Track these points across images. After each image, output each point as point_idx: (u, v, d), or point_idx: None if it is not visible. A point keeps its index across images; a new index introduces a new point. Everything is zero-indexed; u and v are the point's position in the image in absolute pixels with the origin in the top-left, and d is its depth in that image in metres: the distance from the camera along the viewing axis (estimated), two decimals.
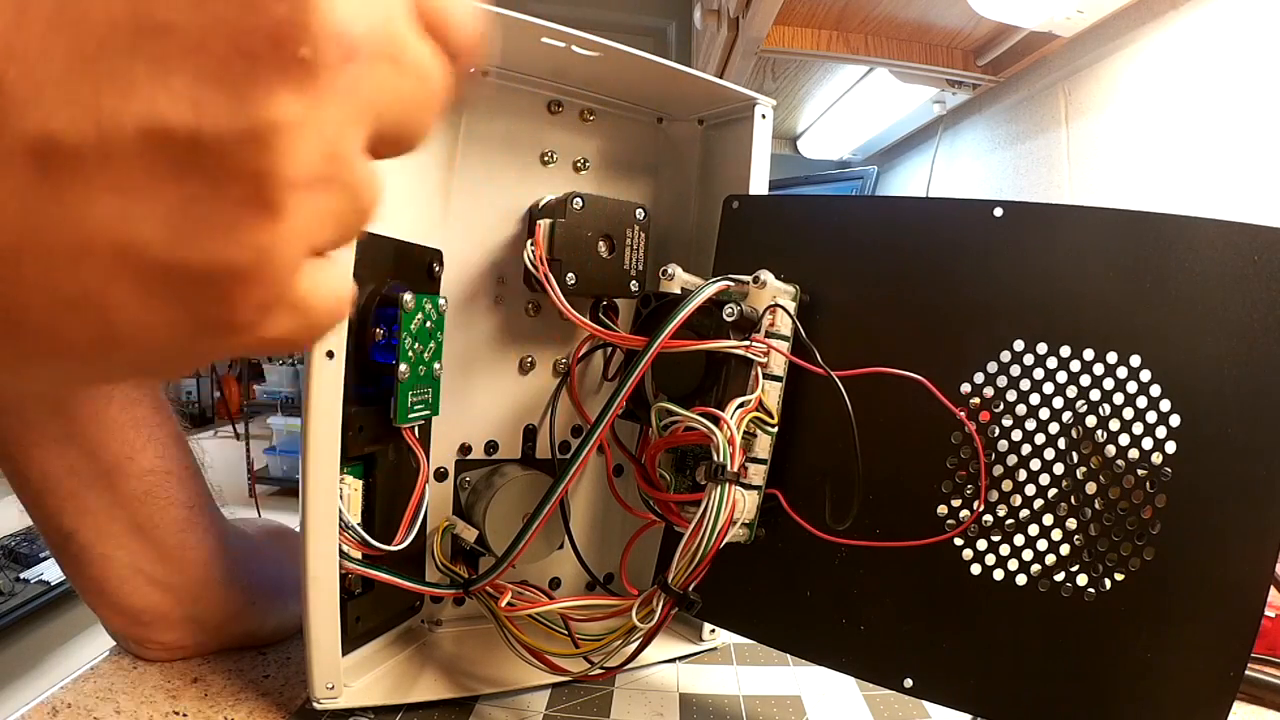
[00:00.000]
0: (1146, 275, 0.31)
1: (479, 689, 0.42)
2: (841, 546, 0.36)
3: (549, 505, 0.37)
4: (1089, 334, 0.32)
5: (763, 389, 0.36)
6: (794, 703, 0.42)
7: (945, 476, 0.34)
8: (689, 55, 1.82)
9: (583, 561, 0.47)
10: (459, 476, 0.46)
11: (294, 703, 0.41)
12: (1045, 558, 0.33)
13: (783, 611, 0.39)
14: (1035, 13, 0.88)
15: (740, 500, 0.34)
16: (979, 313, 0.35)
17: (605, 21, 1.90)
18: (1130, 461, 0.31)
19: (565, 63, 0.42)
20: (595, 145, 0.48)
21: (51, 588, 1.32)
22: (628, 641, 0.36)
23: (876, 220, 0.38)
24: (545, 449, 0.48)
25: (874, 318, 0.37)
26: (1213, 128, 0.76)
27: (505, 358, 0.47)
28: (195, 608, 0.43)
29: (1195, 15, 0.79)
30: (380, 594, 0.41)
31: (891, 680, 0.35)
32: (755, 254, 0.41)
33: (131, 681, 0.42)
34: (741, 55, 1.16)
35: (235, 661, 0.45)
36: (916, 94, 1.30)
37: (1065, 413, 0.33)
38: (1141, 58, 0.87)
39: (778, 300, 0.36)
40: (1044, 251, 0.34)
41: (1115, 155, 0.91)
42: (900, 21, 1.11)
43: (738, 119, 0.47)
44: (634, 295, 0.45)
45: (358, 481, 0.39)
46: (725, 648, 0.49)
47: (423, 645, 0.45)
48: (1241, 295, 0.30)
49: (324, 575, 0.36)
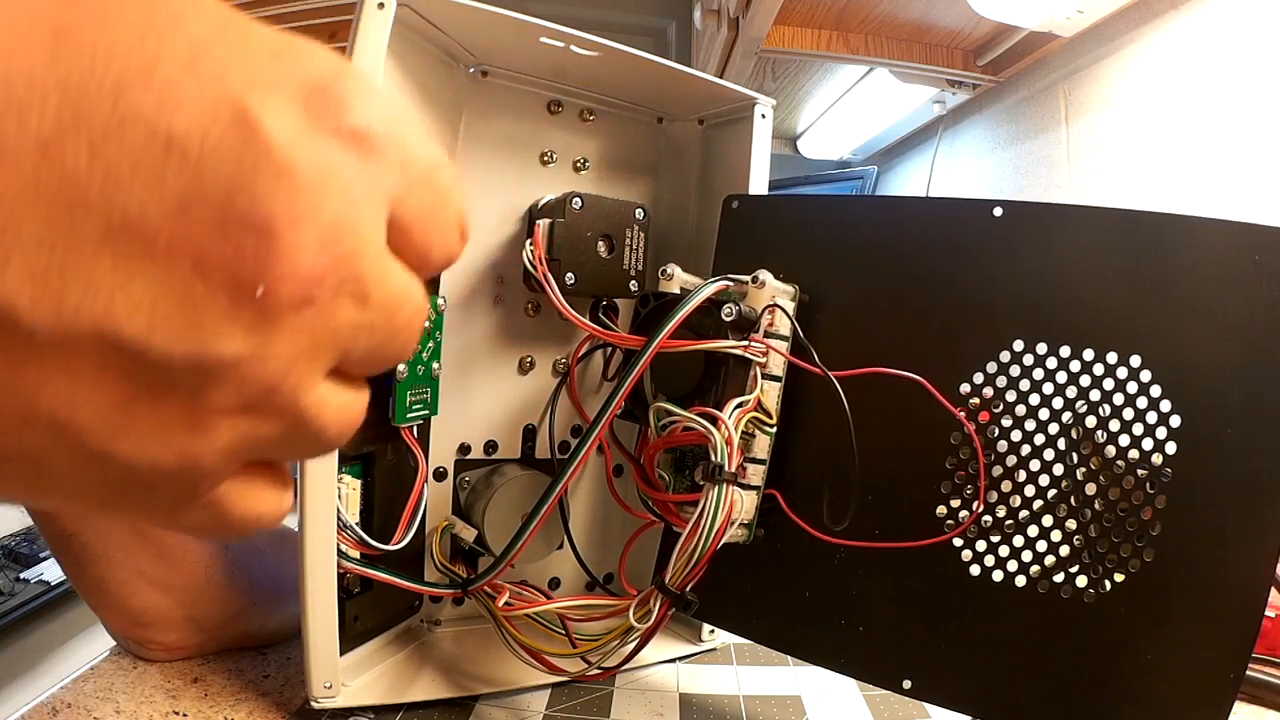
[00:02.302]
0: (1146, 275, 0.31)
1: (478, 689, 0.42)
2: (840, 547, 0.36)
3: (547, 505, 0.37)
4: (1089, 334, 0.32)
5: (761, 389, 0.36)
6: (794, 703, 0.42)
7: (944, 477, 0.34)
8: (689, 55, 1.82)
9: (582, 562, 0.47)
10: (458, 476, 0.46)
11: (294, 703, 0.41)
12: (1045, 559, 0.33)
13: (781, 612, 0.39)
14: (1035, 13, 0.88)
15: (738, 500, 0.34)
16: (978, 313, 0.34)
17: (605, 21, 1.89)
18: (1130, 462, 0.31)
19: (565, 63, 0.42)
20: (595, 145, 0.48)
21: (51, 588, 1.32)
22: (625, 642, 0.36)
23: (876, 220, 0.38)
24: (545, 449, 0.48)
25: (873, 318, 0.37)
26: (1213, 128, 0.76)
27: (505, 358, 0.47)
28: (195, 608, 0.43)
29: (1195, 15, 0.79)
30: (379, 593, 0.41)
31: (890, 681, 0.35)
32: (754, 254, 0.41)
33: (131, 681, 0.42)
34: (741, 55, 1.16)
35: (235, 661, 0.45)
36: (916, 94, 1.30)
37: (1065, 413, 0.33)
38: (1141, 58, 0.87)
39: (776, 300, 0.36)
40: (1044, 251, 0.34)
41: (1115, 155, 0.91)
42: (900, 21, 1.11)
43: (738, 119, 0.47)
44: (633, 295, 0.45)
45: (356, 481, 0.39)
46: (725, 648, 0.49)
47: (421, 645, 0.45)
48: (1241, 295, 0.30)
49: (322, 574, 0.36)
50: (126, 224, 0.13)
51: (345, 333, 0.16)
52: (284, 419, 0.16)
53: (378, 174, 0.16)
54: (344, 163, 0.15)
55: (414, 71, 0.39)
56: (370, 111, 0.15)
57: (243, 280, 0.14)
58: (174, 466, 0.15)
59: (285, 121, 0.14)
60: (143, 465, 0.15)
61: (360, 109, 0.15)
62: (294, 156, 0.14)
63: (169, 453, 0.15)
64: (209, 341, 0.14)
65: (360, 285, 0.15)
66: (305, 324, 0.15)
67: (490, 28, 0.39)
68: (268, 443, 0.16)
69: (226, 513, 0.17)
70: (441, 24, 0.39)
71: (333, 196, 0.14)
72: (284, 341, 0.15)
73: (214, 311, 0.14)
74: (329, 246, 0.15)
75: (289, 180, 0.14)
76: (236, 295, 0.14)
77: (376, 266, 0.16)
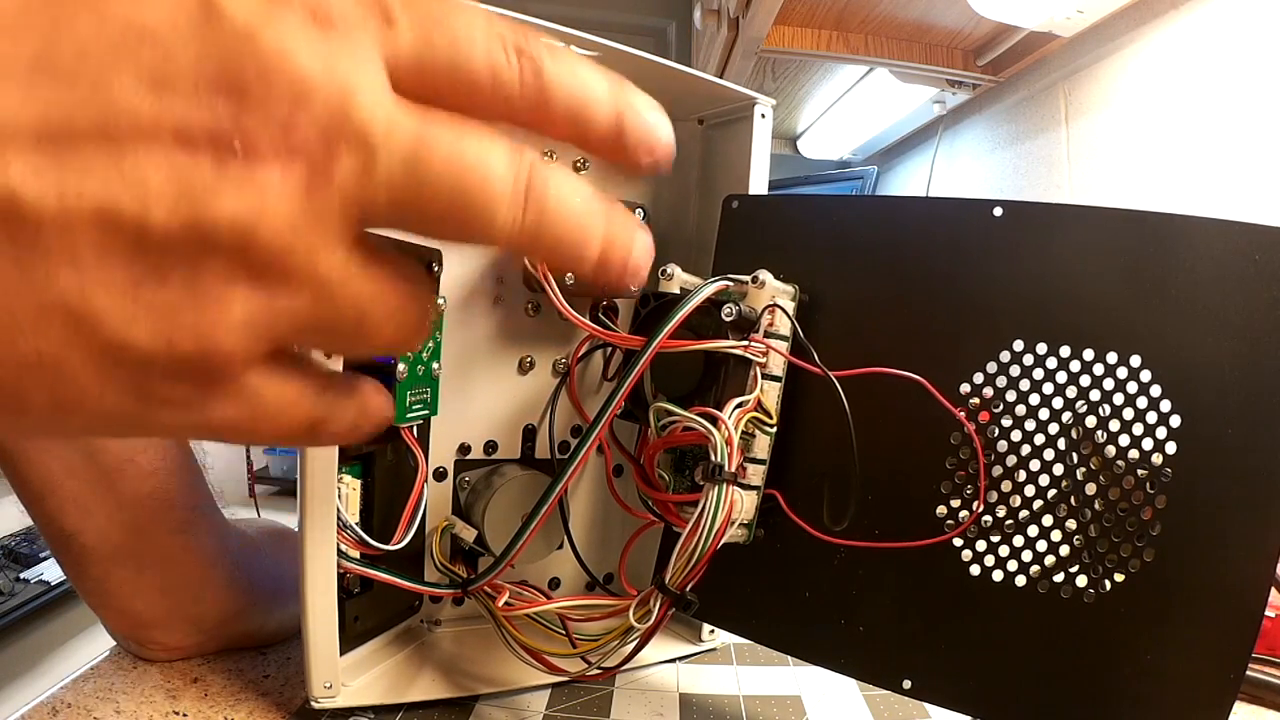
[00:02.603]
0: (1146, 275, 0.31)
1: (478, 689, 0.42)
2: (840, 547, 0.36)
3: (547, 505, 0.37)
4: (1089, 334, 0.32)
5: (761, 389, 0.36)
6: (794, 703, 0.42)
7: (944, 477, 0.34)
8: (689, 55, 1.82)
9: (582, 562, 0.47)
10: (458, 476, 0.46)
11: (294, 703, 0.41)
12: (1045, 558, 0.33)
13: (781, 612, 0.39)
14: (1035, 13, 0.88)
15: (738, 500, 0.34)
16: (978, 313, 0.34)
17: (605, 21, 1.89)
18: (1130, 462, 0.31)
19: None
20: None
21: (51, 588, 1.32)
22: (625, 642, 0.36)
23: (876, 220, 0.38)
24: (545, 449, 0.48)
25: (873, 318, 0.37)
26: (1213, 128, 0.76)
27: (504, 358, 0.47)
28: (195, 609, 0.43)
29: (1195, 15, 0.79)
30: (378, 593, 0.41)
31: (890, 681, 0.35)
32: (754, 254, 0.41)
33: (131, 681, 0.42)
34: (741, 55, 1.16)
35: (235, 661, 0.45)
36: (916, 94, 1.30)
37: (1065, 413, 0.33)
38: (1141, 58, 0.87)
39: (776, 300, 0.36)
40: (1044, 251, 0.34)
41: (1115, 155, 0.91)
42: (900, 21, 1.11)
43: (737, 119, 0.47)
44: (633, 295, 0.45)
45: (356, 481, 0.39)
46: (725, 648, 0.49)
47: (421, 645, 0.45)
48: (1241, 295, 0.30)
49: (322, 574, 0.36)
50: (113, 109, 0.14)
51: (351, 185, 0.15)
52: (305, 289, 0.16)
53: (351, 33, 0.15)
54: (306, 28, 0.15)
55: None
56: None
57: (220, 139, 0.14)
58: (193, 348, 0.15)
59: (246, 3, 0.15)
60: (161, 351, 0.15)
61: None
62: (255, 27, 0.14)
63: (185, 334, 0.15)
64: (201, 206, 0.14)
65: (358, 133, 0.15)
66: (297, 177, 0.15)
67: None
68: (297, 320, 0.16)
69: (259, 403, 0.17)
70: None
71: (300, 54, 0.15)
72: (280, 198, 0.15)
73: (200, 176, 0.14)
74: (303, 98, 0.15)
75: (252, 44, 0.14)
76: (218, 156, 0.14)
77: (373, 112, 0.15)
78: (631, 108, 0.18)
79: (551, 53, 0.17)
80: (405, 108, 0.16)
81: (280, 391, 0.17)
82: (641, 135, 0.18)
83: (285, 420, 0.17)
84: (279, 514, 0.56)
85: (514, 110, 0.17)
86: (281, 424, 0.17)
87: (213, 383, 0.16)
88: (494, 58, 0.17)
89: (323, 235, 0.15)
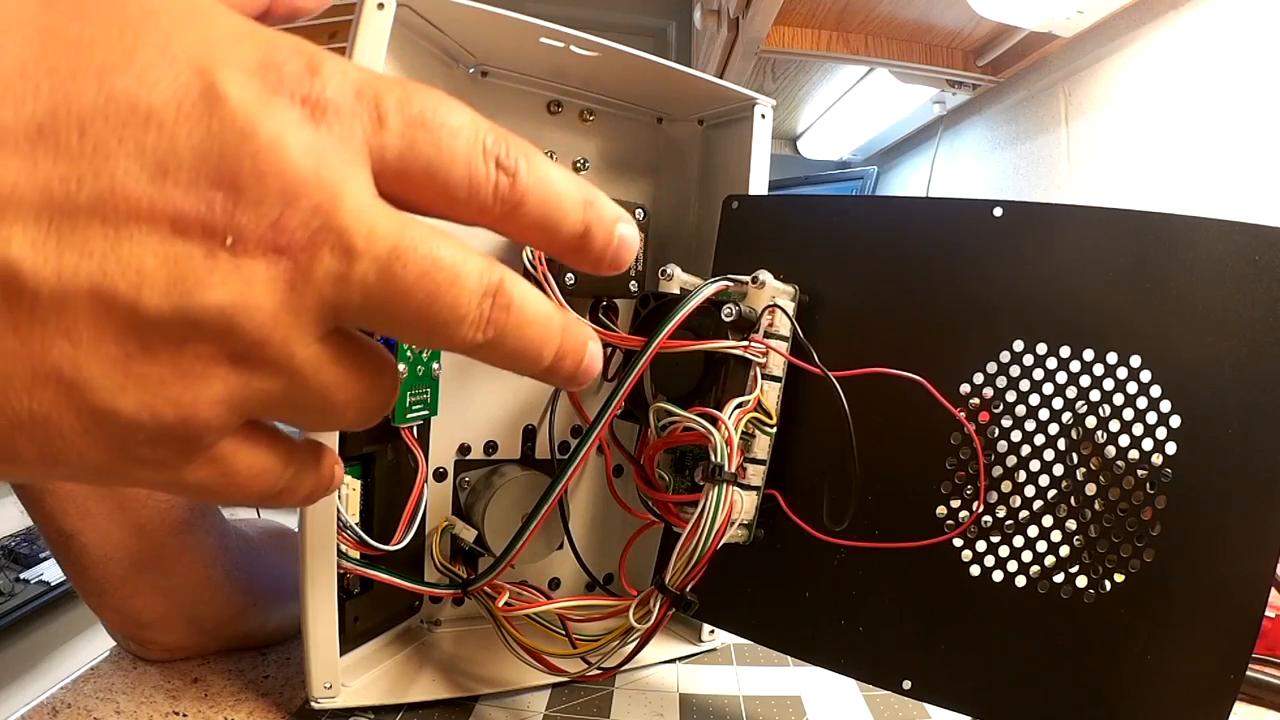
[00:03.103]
0: (1147, 275, 0.31)
1: (478, 689, 0.42)
2: (840, 547, 0.36)
3: (547, 505, 0.37)
4: (1089, 334, 0.32)
5: (761, 389, 0.36)
6: (794, 703, 0.42)
7: (944, 477, 0.34)
8: (689, 55, 1.82)
9: (582, 562, 0.47)
10: (458, 476, 0.46)
11: (294, 703, 0.41)
12: (1045, 559, 0.33)
13: (781, 612, 0.39)
14: (1035, 13, 0.88)
15: (738, 501, 0.34)
16: (978, 313, 0.34)
17: (605, 21, 1.89)
18: (1130, 462, 0.31)
19: (564, 63, 0.42)
20: (595, 145, 0.48)
21: (51, 588, 1.32)
22: (625, 642, 0.36)
23: (876, 220, 0.38)
24: (545, 449, 0.48)
25: (873, 318, 0.37)
26: (1213, 128, 0.76)
27: None
28: (195, 609, 0.43)
29: (1195, 15, 0.79)
30: (378, 594, 0.41)
31: (890, 681, 0.35)
32: (754, 254, 0.41)
33: (131, 681, 0.42)
34: (741, 55, 1.15)
35: (235, 662, 0.45)
36: (916, 94, 1.30)
37: (1065, 413, 0.33)
38: (1141, 58, 0.87)
39: (776, 300, 0.36)
40: (1044, 251, 0.33)
41: (1115, 155, 0.91)
42: (900, 22, 1.11)
43: (737, 119, 0.47)
44: (633, 295, 0.45)
45: (356, 481, 0.39)
46: (725, 648, 0.49)
47: (421, 645, 0.45)
48: (1242, 295, 0.30)
49: (322, 575, 0.36)
50: (114, 191, 0.14)
51: (329, 286, 0.16)
52: (279, 374, 0.17)
53: (343, 132, 0.16)
54: (302, 125, 0.16)
55: (414, 72, 0.39)
56: (328, 80, 0.16)
57: (214, 233, 0.15)
58: (174, 419, 0.16)
59: (247, 93, 0.15)
60: (144, 419, 0.16)
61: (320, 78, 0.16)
62: (255, 121, 0.15)
63: (168, 405, 0.16)
64: (190, 294, 0.15)
65: (341, 237, 0.16)
66: (281, 275, 0.16)
67: (490, 28, 0.39)
68: (269, 400, 0.17)
69: (230, 469, 0.18)
70: (441, 24, 0.39)
71: (294, 154, 0.15)
72: (263, 293, 0.16)
73: (192, 266, 0.15)
74: (293, 199, 0.15)
75: (251, 142, 0.15)
76: (210, 248, 0.15)
77: (358, 218, 0.16)
78: (600, 221, 0.20)
79: (529, 162, 0.18)
80: (387, 213, 0.17)
81: (251, 461, 0.18)
82: (605, 248, 0.20)
83: (254, 486, 0.19)
84: (279, 514, 0.56)
85: (487, 217, 0.18)
86: (250, 489, 0.19)
87: (190, 449, 0.17)
88: (473, 168, 0.18)
89: (298, 329, 0.16)
